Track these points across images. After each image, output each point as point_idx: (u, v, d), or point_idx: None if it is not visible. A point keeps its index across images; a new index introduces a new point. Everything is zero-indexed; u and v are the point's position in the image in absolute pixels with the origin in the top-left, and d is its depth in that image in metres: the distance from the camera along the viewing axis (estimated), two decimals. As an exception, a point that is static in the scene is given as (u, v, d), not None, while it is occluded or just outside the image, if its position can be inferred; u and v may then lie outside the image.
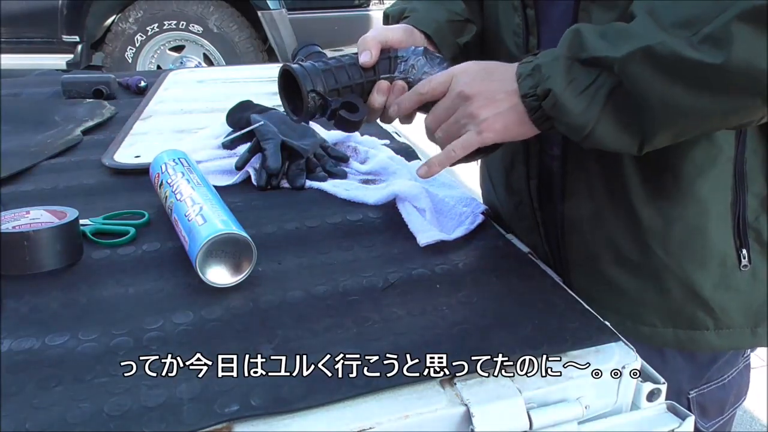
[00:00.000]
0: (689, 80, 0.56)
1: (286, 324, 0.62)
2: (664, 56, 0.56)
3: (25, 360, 0.58)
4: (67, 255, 0.74)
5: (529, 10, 0.75)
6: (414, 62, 0.74)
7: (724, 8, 0.54)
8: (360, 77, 0.73)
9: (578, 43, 0.61)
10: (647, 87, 0.57)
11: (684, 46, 0.55)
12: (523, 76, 0.64)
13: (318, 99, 0.70)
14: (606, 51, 0.59)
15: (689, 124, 0.60)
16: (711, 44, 0.54)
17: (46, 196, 0.93)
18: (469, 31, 0.83)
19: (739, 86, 0.56)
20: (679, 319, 0.74)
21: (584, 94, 0.60)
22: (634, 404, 0.58)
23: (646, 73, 0.57)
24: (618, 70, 0.58)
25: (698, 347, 0.75)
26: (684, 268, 0.72)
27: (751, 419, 1.84)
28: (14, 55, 3.86)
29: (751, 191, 0.70)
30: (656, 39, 0.56)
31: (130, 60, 3.96)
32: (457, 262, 0.74)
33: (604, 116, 0.60)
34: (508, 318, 0.63)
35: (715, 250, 0.72)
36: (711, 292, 0.73)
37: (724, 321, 0.74)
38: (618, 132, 0.61)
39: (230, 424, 0.50)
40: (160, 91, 1.49)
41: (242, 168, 0.97)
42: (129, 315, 0.64)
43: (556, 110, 0.62)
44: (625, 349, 0.59)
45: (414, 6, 0.82)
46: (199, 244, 0.67)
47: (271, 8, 3.87)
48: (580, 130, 0.61)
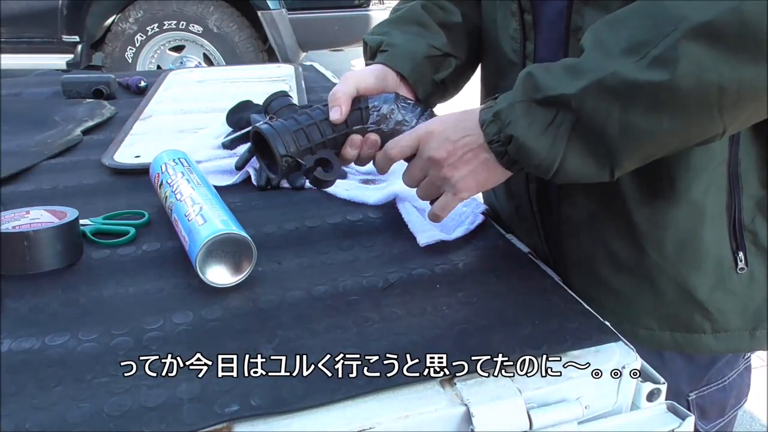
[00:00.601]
0: (644, 104, 0.57)
1: (286, 324, 0.62)
2: (615, 85, 0.57)
3: (25, 360, 0.58)
4: (67, 255, 0.74)
5: (526, 15, 0.75)
6: (386, 111, 0.74)
7: (670, 30, 0.54)
8: (332, 132, 0.72)
9: (532, 84, 0.61)
10: (605, 118, 0.58)
11: (633, 71, 0.56)
12: (486, 124, 0.65)
13: (291, 161, 0.70)
14: (560, 89, 0.59)
15: (654, 146, 0.60)
16: (659, 65, 0.55)
17: (46, 196, 0.93)
18: (448, 66, 0.83)
19: (692, 103, 0.56)
20: (676, 322, 0.74)
21: (546, 133, 0.61)
22: (634, 404, 0.58)
23: (602, 104, 0.58)
24: (575, 106, 0.59)
25: (696, 350, 0.75)
26: (679, 270, 0.72)
27: (751, 419, 1.84)
28: (14, 55, 3.86)
29: (746, 193, 0.70)
30: (607, 70, 0.57)
31: (130, 60, 3.95)
32: (457, 262, 0.74)
33: (569, 152, 0.61)
34: (508, 318, 0.63)
35: (711, 252, 0.71)
36: (707, 295, 0.72)
37: (721, 324, 0.73)
38: (586, 165, 0.61)
39: (230, 424, 0.50)
40: (160, 91, 1.49)
41: (242, 168, 0.97)
42: (129, 315, 0.64)
43: (521, 154, 0.63)
44: (625, 349, 0.59)
45: (392, 40, 0.81)
46: (199, 244, 0.67)
47: (271, 8, 3.86)
48: (548, 169, 0.62)
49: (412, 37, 0.81)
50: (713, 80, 0.54)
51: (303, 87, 1.49)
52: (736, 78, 0.54)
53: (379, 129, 0.74)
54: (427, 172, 0.69)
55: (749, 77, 0.54)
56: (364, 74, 0.76)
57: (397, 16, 0.85)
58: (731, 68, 0.54)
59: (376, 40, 0.82)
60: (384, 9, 4.13)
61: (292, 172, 0.72)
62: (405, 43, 0.80)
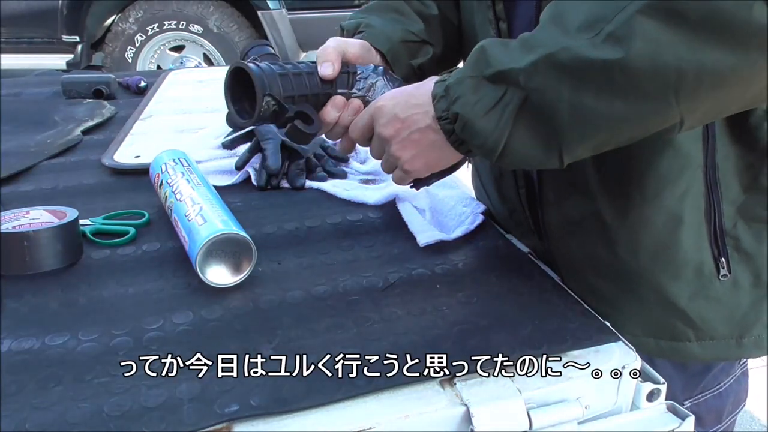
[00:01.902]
0: (596, 84, 0.54)
1: (286, 324, 0.62)
2: (566, 61, 0.54)
3: (25, 360, 0.58)
4: (67, 255, 0.74)
5: (501, 23, 0.74)
6: (373, 81, 0.72)
7: (626, 4, 0.51)
8: (317, 88, 0.69)
9: (483, 59, 0.59)
10: (555, 96, 0.55)
11: (586, 48, 0.53)
12: (437, 98, 0.62)
13: (273, 104, 0.65)
14: (510, 63, 0.56)
15: (607, 132, 0.57)
16: (612, 41, 0.51)
17: (46, 196, 0.93)
18: (425, 53, 0.82)
19: (647, 85, 0.52)
20: (660, 329, 0.72)
21: (492, 112, 0.58)
22: (634, 404, 0.58)
23: (552, 81, 0.55)
24: (523, 83, 0.56)
25: (682, 358, 0.73)
26: (657, 278, 0.70)
27: (751, 419, 1.84)
28: (14, 55, 3.85)
29: (726, 198, 0.68)
30: (559, 44, 0.54)
31: (130, 60, 3.95)
32: (457, 262, 0.74)
33: (515, 133, 0.58)
34: (508, 318, 0.63)
35: (689, 259, 0.69)
36: (688, 303, 0.70)
37: (706, 332, 0.71)
38: (533, 147, 0.58)
39: (230, 424, 0.50)
40: (160, 91, 1.49)
41: (242, 168, 0.97)
42: (129, 315, 0.64)
43: (466, 132, 0.60)
44: (625, 349, 0.59)
45: (370, 21, 0.80)
46: (199, 244, 0.67)
47: (271, 8, 3.86)
48: (492, 150, 0.59)
49: (389, 21, 0.81)
50: (670, 62, 0.51)
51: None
52: (695, 61, 0.50)
53: (363, 98, 0.72)
54: (382, 149, 0.69)
55: (710, 61, 0.50)
56: (353, 41, 0.76)
57: (375, 3, 0.86)
58: (691, 50, 0.50)
59: (353, 24, 0.82)
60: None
61: (269, 117, 0.66)
62: (382, 26, 0.80)
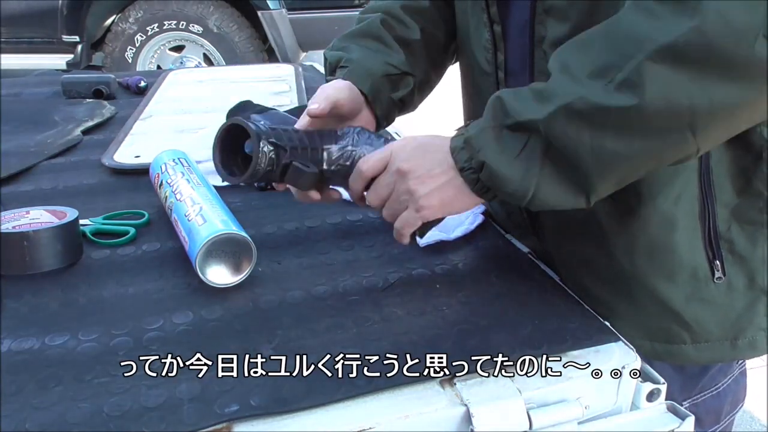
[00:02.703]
0: (614, 128, 0.56)
1: (286, 324, 0.62)
2: (584, 110, 0.56)
3: (25, 360, 0.58)
4: (67, 255, 0.74)
5: (496, 26, 0.74)
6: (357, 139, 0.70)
7: (634, 52, 0.53)
8: (304, 142, 0.68)
9: (501, 110, 0.60)
10: (576, 143, 0.57)
11: (601, 95, 0.55)
12: (457, 150, 0.63)
13: (270, 150, 0.64)
14: (529, 114, 0.58)
15: (627, 169, 0.59)
16: (625, 88, 0.54)
17: (46, 196, 0.93)
18: (406, 85, 0.82)
19: (663, 125, 0.55)
20: (655, 332, 0.72)
21: (519, 159, 0.60)
22: (633, 404, 0.58)
23: (571, 129, 0.57)
24: (544, 131, 0.58)
25: (678, 360, 0.73)
26: (653, 281, 0.70)
27: (751, 419, 1.84)
28: (14, 55, 3.85)
29: (719, 201, 0.68)
30: (574, 94, 0.56)
31: (130, 60, 3.95)
32: (457, 262, 0.74)
33: (543, 178, 0.60)
34: (508, 318, 0.63)
35: (684, 262, 0.69)
36: (683, 305, 0.70)
37: (701, 334, 0.71)
38: (561, 191, 0.60)
39: (230, 424, 0.50)
40: (160, 91, 1.49)
41: (242, 168, 0.97)
42: (129, 315, 0.64)
43: (494, 180, 0.61)
44: (625, 349, 0.59)
45: (351, 56, 0.80)
46: (199, 244, 0.67)
47: (271, 8, 3.86)
48: (523, 196, 0.61)
49: (370, 53, 0.81)
50: (683, 102, 0.53)
51: (303, 87, 1.49)
52: (706, 98, 0.53)
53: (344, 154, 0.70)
54: (393, 186, 0.66)
55: (720, 96, 0.53)
56: (339, 86, 0.76)
57: (357, 29, 0.84)
58: (701, 88, 0.53)
59: (335, 56, 0.82)
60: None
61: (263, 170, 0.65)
62: (363, 60, 0.79)
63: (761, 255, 0.71)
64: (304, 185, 0.68)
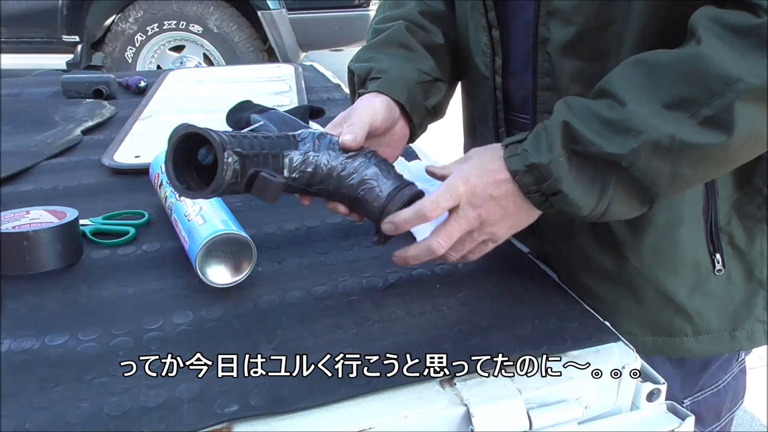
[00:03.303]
0: (698, 162, 0.58)
1: (286, 324, 0.62)
2: (671, 147, 0.57)
3: (25, 360, 0.58)
4: (67, 255, 0.74)
5: (494, 30, 0.74)
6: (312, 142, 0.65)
7: (723, 90, 0.54)
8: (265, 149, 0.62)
9: (569, 136, 0.60)
10: (656, 174, 0.59)
11: (689, 133, 0.56)
12: (519, 174, 0.62)
13: (236, 160, 0.58)
14: (608, 147, 0.58)
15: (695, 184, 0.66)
16: (713, 126, 0.55)
17: (46, 196, 0.93)
18: (437, 91, 0.80)
19: (745, 155, 0.60)
20: (658, 326, 0.74)
21: (593, 186, 0.61)
22: (633, 404, 0.58)
23: (654, 163, 0.58)
24: (626, 165, 0.58)
25: (678, 353, 0.75)
26: (657, 275, 0.72)
27: (751, 419, 1.84)
28: (14, 55, 3.86)
29: (721, 195, 0.70)
30: (661, 131, 0.57)
31: (130, 60, 3.95)
32: (457, 262, 0.74)
33: (615, 199, 0.61)
34: (507, 318, 0.63)
35: (688, 256, 0.71)
36: (686, 298, 0.72)
37: (701, 326, 0.73)
38: (628, 207, 0.62)
39: (230, 424, 0.50)
40: (160, 91, 1.49)
41: (242, 168, 0.97)
42: (129, 315, 0.64)
43: (568, 206, 0.62)
44: (625, 349, 0.59)
45: (382, 66, 0.76)
46: (199, 244, 0.67)
47: (271, 8, 3.87)
48: (591, 217, 0.63)
49: (401, 62, 0.78)
50: (763, 134, 0.56)
51: (303, 87, 1.49)
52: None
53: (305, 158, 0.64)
54: (471, 231, 0.65)
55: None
56: (374, 105, 0.72)
57: (381, 39, 0.81)
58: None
59: (364, 68, 0.78)
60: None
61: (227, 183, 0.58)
62: (395, 69, 0.76)
63: (759, 249, 0.73)
64: (271, 196, 0.62)
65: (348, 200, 0.67)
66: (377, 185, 0.66)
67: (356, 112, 0.70)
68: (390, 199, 0.65)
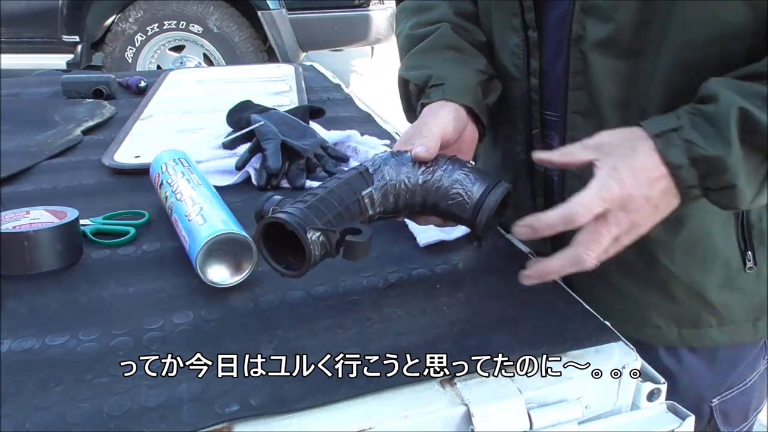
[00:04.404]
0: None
1: (286, 324, 0.62)
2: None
3: (25, 360, 0.58)
4: (67, 255, 0.74)
5: (531, 32, 0.72)
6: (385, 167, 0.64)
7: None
8: (343, 202, 0.61)
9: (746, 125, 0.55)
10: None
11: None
12: (684, 168, 0.56)
13: (318, 235, 0.58)
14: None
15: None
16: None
17: (46, 196, 0.93)
18: (495, 88, 0.76)
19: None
20: (685, 319, 0.75)
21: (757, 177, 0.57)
22: (634, 404, 0.58)
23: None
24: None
25: (702, 344, 0.76)
26: (690, 274, 0.72)
27: (751, 419, 1.83)
28: (14, 55, 3.86)
29: None
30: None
31: (130, 60, 3.96)
32: (457, 262, 0.74)
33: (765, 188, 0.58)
34: (508, 318, 0.63)
35: (720, 253, 0.72)
36: (715, 294, 0.73)
37: (726, 318, 0.74)
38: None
39: (230, 424, 0.50)
40: (160, 91, 1.49)
41: (242, 168, 0.97)
42: (129, 315, 0.64)
43: (731, 199, 0.58)
44: (625, 349, 0.59)
45: (441, 73, 0.73)
46: (199, 244, 0.67)
47: (271, 8, 3.87)
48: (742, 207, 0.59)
49: (456, 65, 0.75)
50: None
51: (303, 87, 1.49)
52: None
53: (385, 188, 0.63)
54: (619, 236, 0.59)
55: None
56: (443, 115, 0.69)
57: (428, 44, 0.78)
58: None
59: (420, 76, 0.74)
60: (384, 9, 4.13)
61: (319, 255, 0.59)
62: (455, 74, 0.73)
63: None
64: (363, 255, 0.61)
65: (439, 212, 0.66)
66: (464, 191, 0.64)
67: (425, 126, 0.68)
68: (480, 205, 0.63)
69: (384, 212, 0.64)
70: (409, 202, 0.65)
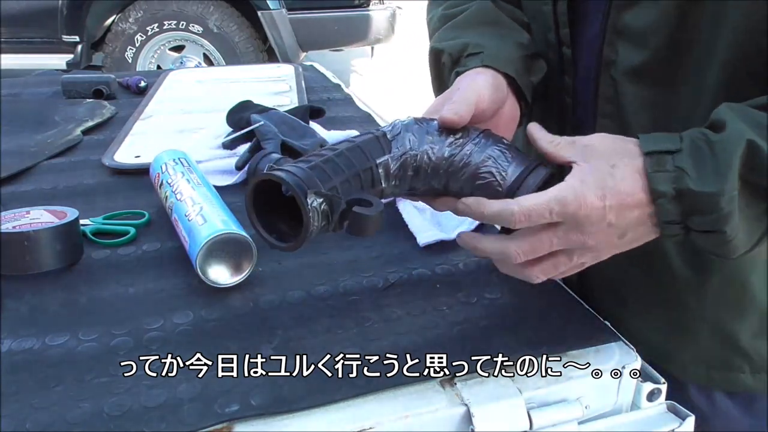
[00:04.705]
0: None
1: (286, 324, 0.62)
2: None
3: (25, 360, 0.58)
4: (67, 255, 0.74)
5: (565, 48, 0.67)
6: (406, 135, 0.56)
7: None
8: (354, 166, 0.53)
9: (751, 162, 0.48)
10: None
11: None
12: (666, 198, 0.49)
13: (320, 201, 0.49)
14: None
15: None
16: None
17: (46, 196, 0.93)
18: (540, 68, 0.68)
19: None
20: (713, 360, 0.70)
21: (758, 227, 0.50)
22: (634, 404, 0.58)
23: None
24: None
25: (733, 388, 0.70)
26: (721, 318, 0.68)
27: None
28: (14, 55, 3.86)
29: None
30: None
31: (130, 60, 3.96)
32: (457, 262, 0.74)
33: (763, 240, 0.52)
34: (508, 318, 0.63)
35: (757, 300, 0.66)
36: (749, 341, 0.68)
37: (760, 365, 0.69)
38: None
39: (230, 424, 0.50)
40: (160, 91, 1.49)
41: (242, 168, 0.97)
42: (129, 315, 0.64)
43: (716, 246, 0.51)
44: (625, 349, 0.59)
45: (479, 41, 0.65)
46: (199, 244, 0.67)
47: (271, 8, 3.87)
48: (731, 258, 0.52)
49: (496, 37, 0.66)
50: None
51: (303, 87, 1.49)
52: None
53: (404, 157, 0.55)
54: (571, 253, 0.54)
55: None
56: (479, 80, 0.60)
57: (464, 18, 0.70)
58: None
59: (456, 45, 0.66)
60: (384, 9, 4.14)
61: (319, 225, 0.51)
62: (497, 47, 0.64)
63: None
64: (371, 232, 0.52)
65: (463, 195, 0.56)
66: (497, 170, 0.54)
67: (457, 91, 0.58)
68: (515, 190, 0.54)
69: (399, 187, 0.55)
70: (429, 182, 0.56)
